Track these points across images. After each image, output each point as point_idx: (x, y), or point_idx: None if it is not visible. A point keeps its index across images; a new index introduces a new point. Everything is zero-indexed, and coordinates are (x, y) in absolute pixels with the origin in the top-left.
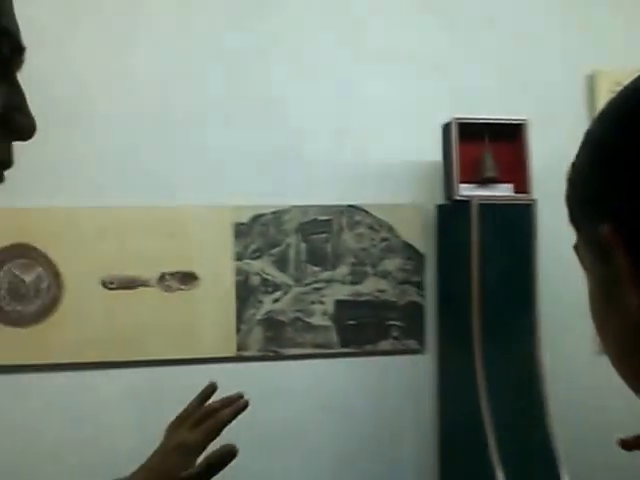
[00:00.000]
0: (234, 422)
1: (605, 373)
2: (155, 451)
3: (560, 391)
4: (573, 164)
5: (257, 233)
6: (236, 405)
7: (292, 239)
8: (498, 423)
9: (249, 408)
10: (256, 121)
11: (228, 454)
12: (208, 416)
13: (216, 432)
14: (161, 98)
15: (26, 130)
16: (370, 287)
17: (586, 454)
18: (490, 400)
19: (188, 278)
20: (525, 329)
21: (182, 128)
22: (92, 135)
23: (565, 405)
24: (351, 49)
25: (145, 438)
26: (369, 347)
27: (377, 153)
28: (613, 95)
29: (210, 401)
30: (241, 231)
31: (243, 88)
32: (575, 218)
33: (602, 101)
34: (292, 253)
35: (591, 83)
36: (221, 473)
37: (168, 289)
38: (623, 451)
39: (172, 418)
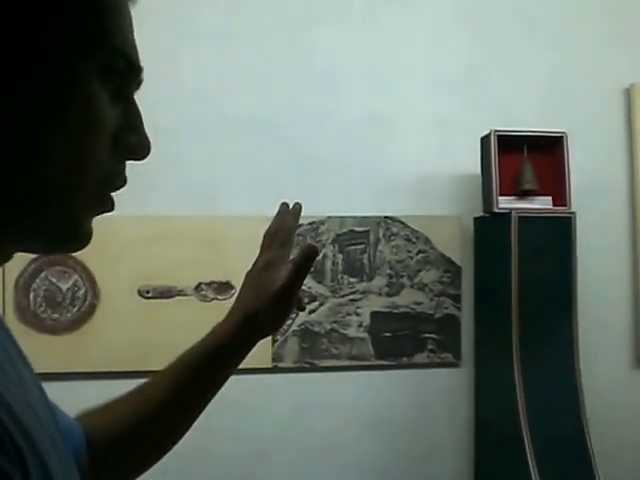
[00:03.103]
0: (270, 434)
1: None
2: (242, 286)
3: (598, 402)
4: None
5: (294, 243)
6: (293, 211)
7: (329, 250)
8: (536, 435)
9: (284, 419)
10: (295, 133)
11: (310, 250)
12: (275, 235)
13: (289, 241)
14: (202, 109)
15: (139, 150)
16: (406, 299)
17: (623, 465)
18: (528, 412)
19: (224, 288)
20: (564, 341)
21: (223, 139)
22: None
23: (603, 416)
24: (389, 62)
25: (180, 447)
26: (405, 360)
27: (415, 165)
28: None
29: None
30: None
31: (283, 99)
32: None
33: (639, 114)
34: (329, 264)
35: (628, 97)
36: None
37: (204, 299)
38: None
39: (205, 426)
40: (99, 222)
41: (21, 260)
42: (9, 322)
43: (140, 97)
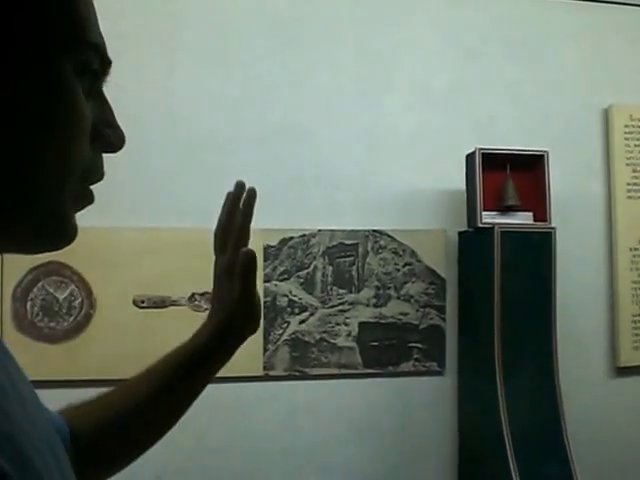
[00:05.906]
0: (261, 439)
1: (619, 391)
2: (213, 291)
3: (576, 410)
4: None
5: (285, 255)
6: (245, 201)
7: (319, 262)
8: (519, 444)
9: (276, 425)
10: (286, 148)
11: (246, 256)
12: (230, 230)
13: (244, 242)
14: (195, 123)
15: (117, 143)
16: (393, 310)
17: (602, 471)
18: (511, 421)
19: None
20: (544, 351)
21: (214, 152)
22: (126, 157)
23: (582, 424)
24: (378, 80)
25: (172, 453)
26: (391, 368)
27: (402, 181)
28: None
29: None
30: (269, 253)
31: (274, 115)
32: None
33: (617, 134)
34: (319, 276)
35: (606, 117)
36: None
37: (197, 309)
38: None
39: (198, 432)
40: (96, 234)
41: (19, 270)
42: (7, 331)
43: (136, 114)
